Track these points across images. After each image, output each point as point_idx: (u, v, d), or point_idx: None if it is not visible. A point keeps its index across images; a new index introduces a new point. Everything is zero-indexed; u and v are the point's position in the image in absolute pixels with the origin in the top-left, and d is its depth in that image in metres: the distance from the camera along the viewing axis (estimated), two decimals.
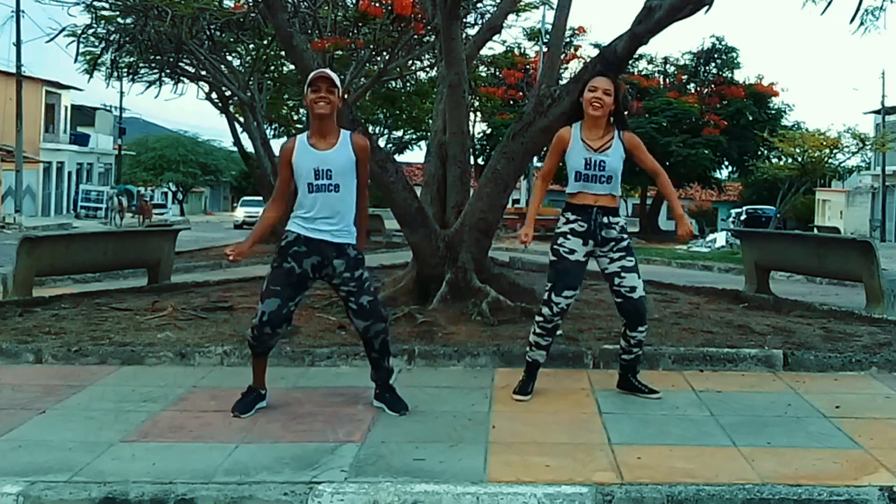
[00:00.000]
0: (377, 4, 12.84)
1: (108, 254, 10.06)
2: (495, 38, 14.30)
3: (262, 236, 4.85)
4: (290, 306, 4.65)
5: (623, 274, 4.94)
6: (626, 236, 5.00)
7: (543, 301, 5.03)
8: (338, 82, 4.62)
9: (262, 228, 4.84)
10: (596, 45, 26.72)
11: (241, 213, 40.28)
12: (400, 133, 32.11)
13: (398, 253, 15.20)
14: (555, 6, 9.16)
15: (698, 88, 34.41)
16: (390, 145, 30.62)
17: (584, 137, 4.91)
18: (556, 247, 4.97)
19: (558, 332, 5.29)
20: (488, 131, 33.59)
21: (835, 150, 27.01)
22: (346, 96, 4.71)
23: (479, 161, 31.45)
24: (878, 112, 40.79)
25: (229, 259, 4.75)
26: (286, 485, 3.60)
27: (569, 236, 4.93)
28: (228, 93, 20.17)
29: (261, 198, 38.29)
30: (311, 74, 4.64)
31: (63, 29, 14.47)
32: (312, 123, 4.65)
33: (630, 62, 11.40)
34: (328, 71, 4.68)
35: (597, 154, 4.87)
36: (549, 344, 5.14)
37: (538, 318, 5.07)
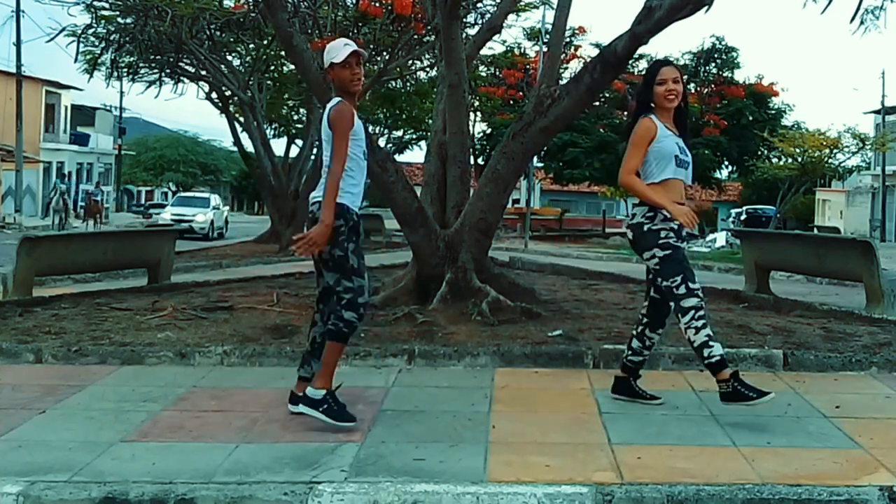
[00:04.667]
0: (377, 4, 12.85)
1: (108, 254, 10.06)
2: (495, 38, 14.35)
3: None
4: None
5: None
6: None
7: (688, 292, 4.51)
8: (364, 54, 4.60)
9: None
10: (596, 45, 26.68)
11: (167, 215, 30.01)
12: (400, 133, 32.11)
13: (398, 253, 15.21)
14: (555, 6, 9.17)
15: (698, 88, 34.37)
16: (390, 145, 30.62)
17: (666, 125, 4.78)
18: (662, 241, 4.62)
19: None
20: (488, 131, 33.56)
21: (835, 150, 27.00)
22: None
23: (479, 161, 31.42)
24: (878, 112, 40.79)
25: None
26: (286, 485, 3.59)
27: (670, 232, 4.63)
28: (228, 93, 20.21)
29: (207, 194, 35.73)
30: (344, 50, 4.44)
31: (63, 29, 14.52)
32: (346, 98, 4.51)
33: (630, 62, 11.36)
34: (356, 47, 4.52)
35: (681, 140, 4.80)
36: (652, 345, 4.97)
37: (691, 314, 4.50)
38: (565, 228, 36.48)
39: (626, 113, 31.93)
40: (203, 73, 18.39)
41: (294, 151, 24.96)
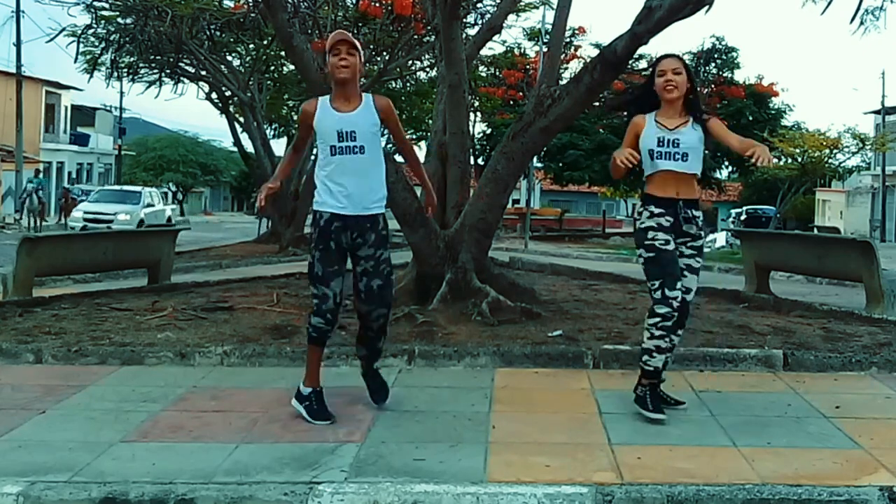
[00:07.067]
0: (377, 4, 12.87)
1: (108, 254, 10.06)
2: (495, 38, 14.35)
3: (287, 175, 5.55)
4: (343, 283, 4.58)
5: (686, 273, 4.75)
6: (702, 234, 4.84)
7: (662, 299, 4.57)
8: (358, 46, 4.57)
9: (285, 169, 5.18)
10: (596, 45, 26.64)
11: (79, 213, 26.37)
12: None
13: (398, 253, 15.14)
14: (555, 6, 9.17)
15: (698, 88, 34.39)
16: (390, 145, 30.59)
17: (658, 120, 4.76)
18: (648, 242, 4.64)
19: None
20: (488, 131, 33.56)
21: (835, 150, 26.98)
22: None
23: (479, 161, 31.41)
24: (878, 112, 40.78)
25: (262, 203, 4.82)
26: (286, 485, 3.59)
27: (658, 231, 4.64)
28: (228, 93, 20.21)
29: (139, 188, 32.10)
30: (331, 38, 4.53)
31: (63, 29, 14.54)
32: (335, 89, 4.55)
33: (630, 62, 11.36)
34: (346, 33, 4.59)
35: (671, 133, 4.70)
36: (671, 346, 4.75)
37: (655, 321, 4.60)
38: (565, 228, 36.44)
39: (625, 114, 31.88)
40: (203, 73, 18.40)
41: None
